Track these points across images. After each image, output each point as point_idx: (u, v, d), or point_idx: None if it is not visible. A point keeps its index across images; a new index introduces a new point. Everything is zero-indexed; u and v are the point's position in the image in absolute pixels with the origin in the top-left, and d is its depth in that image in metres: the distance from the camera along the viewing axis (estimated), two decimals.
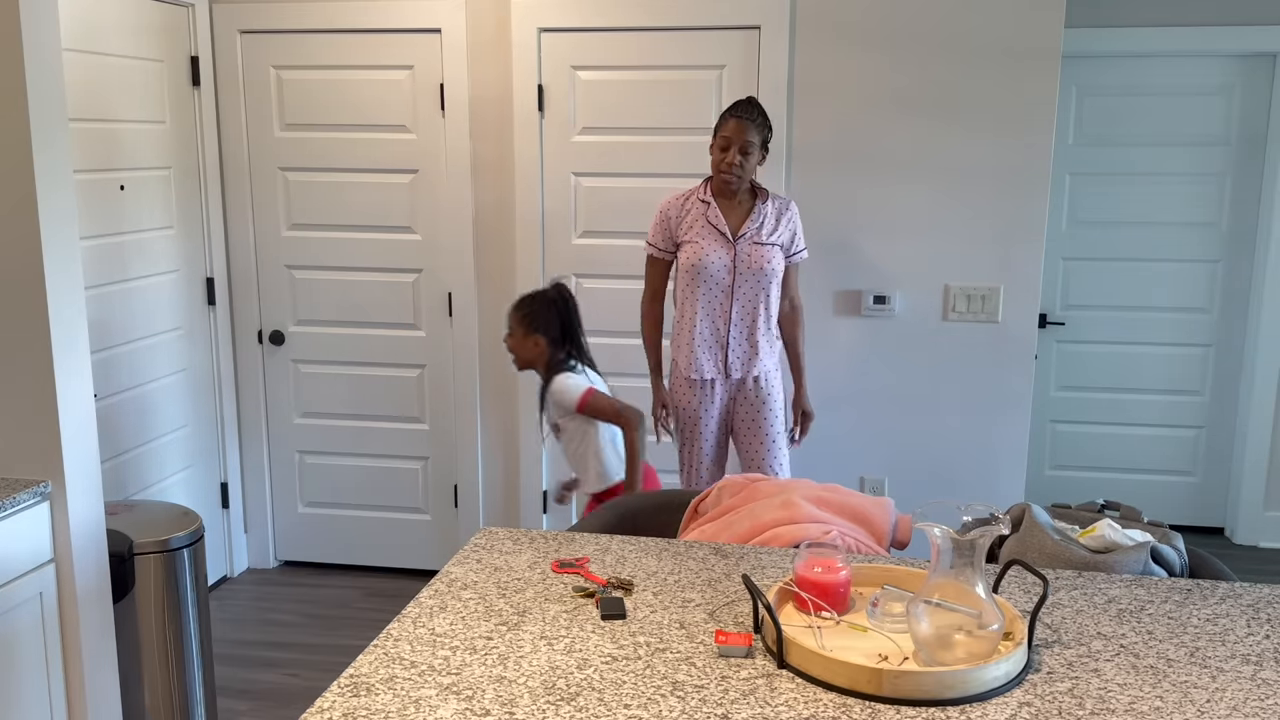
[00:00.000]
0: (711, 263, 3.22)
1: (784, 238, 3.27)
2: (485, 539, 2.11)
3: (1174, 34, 4.23)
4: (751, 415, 3.34)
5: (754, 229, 3.22)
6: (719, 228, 3.22)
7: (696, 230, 3.24)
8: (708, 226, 3.23)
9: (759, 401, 3.33)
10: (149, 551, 2.74)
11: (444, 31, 3.80)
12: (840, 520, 2.24)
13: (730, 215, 3.26)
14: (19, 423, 2.45)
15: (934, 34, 3.58)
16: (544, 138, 3.83)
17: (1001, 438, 3.79)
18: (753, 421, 3.35)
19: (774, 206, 3.27)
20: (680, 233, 3.27)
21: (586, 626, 1.72)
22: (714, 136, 3.18)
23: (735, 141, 3.13)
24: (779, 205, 3.28)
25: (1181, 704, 1.49)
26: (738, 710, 1.46)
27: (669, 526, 2.66)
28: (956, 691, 1.48)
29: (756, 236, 3.22)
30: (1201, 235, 4.47)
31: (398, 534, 4.22)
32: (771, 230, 3.24)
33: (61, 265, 2.43)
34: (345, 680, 1.54)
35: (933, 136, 3.64)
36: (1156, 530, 2.22)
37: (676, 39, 3.71)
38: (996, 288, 3.69)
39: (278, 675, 3.43)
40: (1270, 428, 4.47)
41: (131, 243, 3.58)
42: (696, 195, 3.27)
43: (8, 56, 2.30)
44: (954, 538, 1.54)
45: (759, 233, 3.23)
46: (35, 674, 2.44)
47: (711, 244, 3.22)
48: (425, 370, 4.08)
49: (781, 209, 3.28)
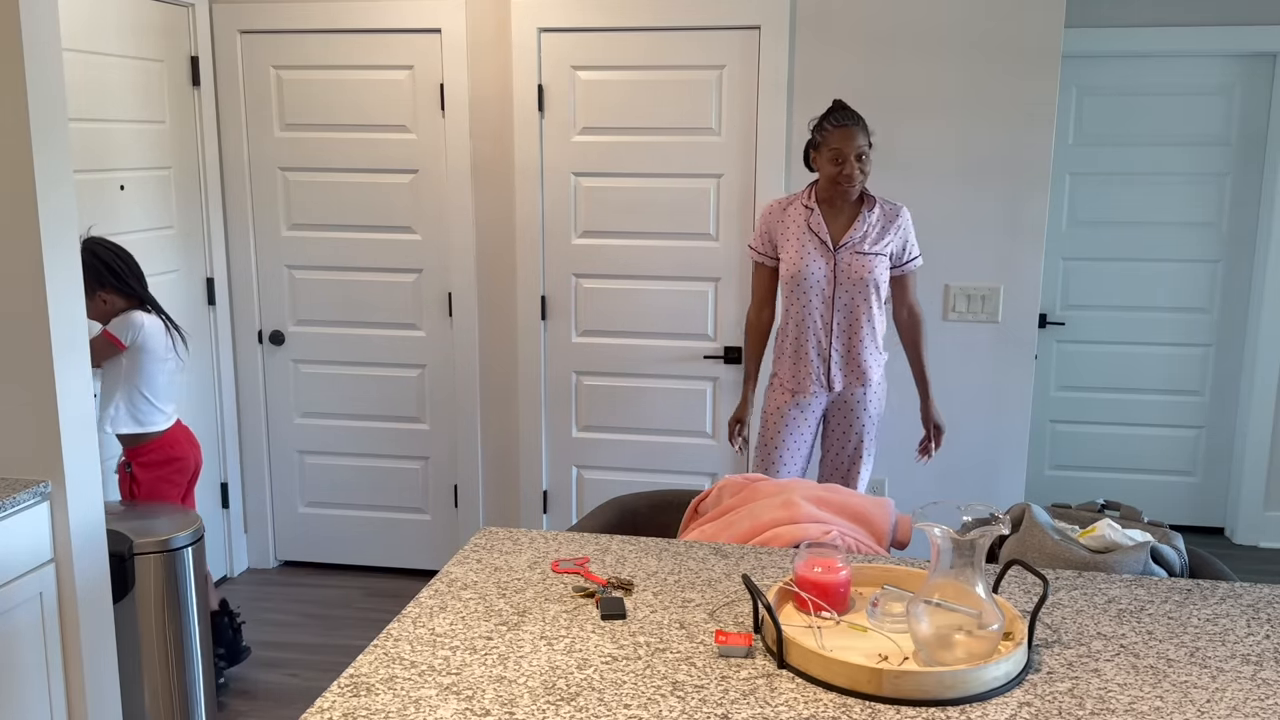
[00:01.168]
0: (811, 272, 3.12)
1: (894, 246, 3.15)
2: (485, 539, 2.11)
3: (1174, 34, 4.23)
4: (844, 426, 3.24)
5: (857, 238, 3.11)
6: (820, 235, 3.12)
7: (797, 237, 3.14)
8: (808, 233, 3.13)
9: (855, 413, 3.22)
10: (149, 551, 2.74)
11: (444, 31, 3.80)
12: (840, 520, 2.24)
13: (833, 222, 3.15)
14: (19, 423, 2.44)
15: (934, 34, 3.58)
16: (544, 138, 3.83)
17: (1001, 438, 3.79)
18: (843, 433, 3.24)
19: (881, 213, 3.15)
20: (780, 239, 3.18)
21: (586, 626, 1.72)
22: (817, 149, 3.10)
23: (848, 151, 3.04)
24: (887, 212, 3.15)
25: (1181, 704, 1.49)
26: (738, 710, 1.46)
27: (669, 526, 2.66)
28: (956, 691, 1.48)
29: (859, 246, 3.11)
30: (1201, 235, 4.47)
31: (398, 534, 4.22)
32: (876, 239, 3.12)
33: (61, 265, 2.43)
34: (345, 680, 1.54)
35: (933, 136, 3.64)
36: (1156, 530, 2.22)
37: (676, 39, 3.71)
38: (996, 288, 3.69)
39: (278, 675, 3.44)
40: (1270, 428, 4.47)
41: (131, 243, 3.58)
42: (800, 200, 3.17)
43: (8, 56, 2.30)
44: (954, 538, 1.54)
45: (862, 242, 3.11)
46: (35, 674, 2.44)
47: (811, 252, 3.12)
48: (425, 370, 4.08)
49: (890, 216, 3.15)
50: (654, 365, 3.92)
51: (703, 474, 3.98)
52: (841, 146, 3.04)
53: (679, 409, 3.93)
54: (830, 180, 3.09)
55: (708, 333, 3.87)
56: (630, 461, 4.01)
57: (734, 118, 3.72)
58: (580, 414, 4.01)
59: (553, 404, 4.01)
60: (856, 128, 3.05)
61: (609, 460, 4.03)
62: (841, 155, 3.05)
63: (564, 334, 3.95)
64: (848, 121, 3.05)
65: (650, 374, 3.93)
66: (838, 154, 3.05)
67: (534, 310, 3.93)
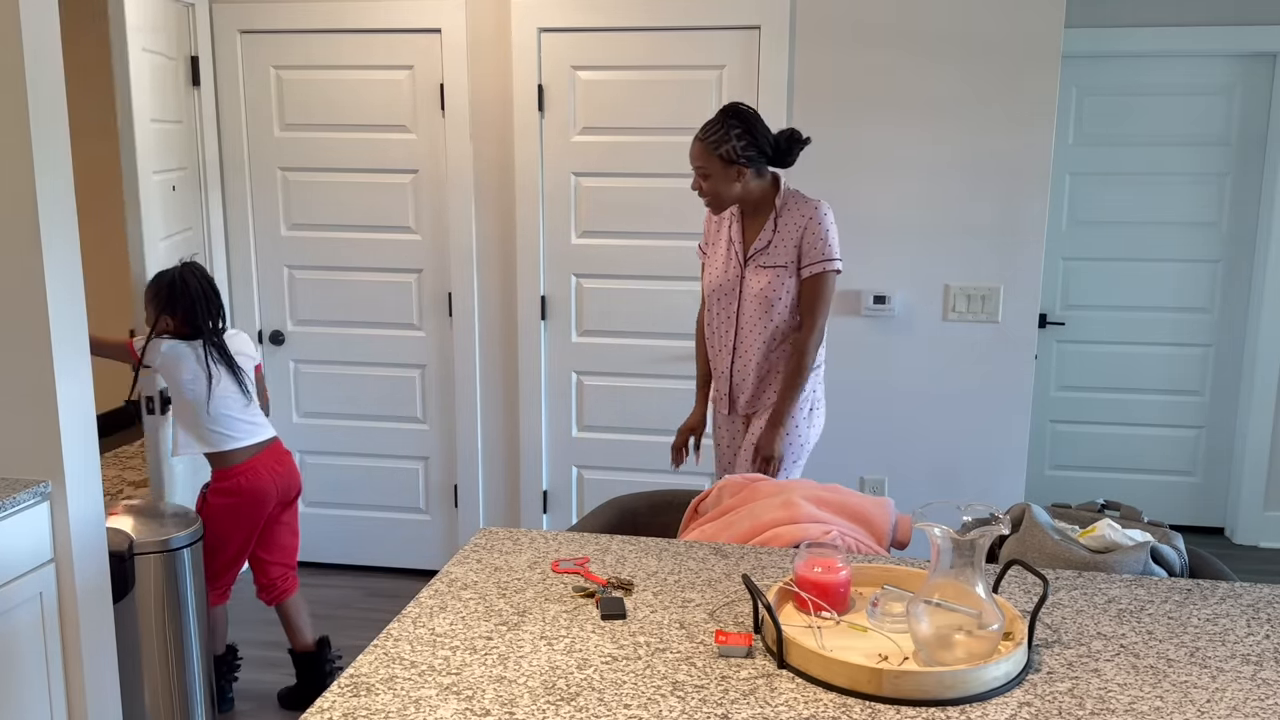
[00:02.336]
0: (719, 285, 2.93)
1: (794, 254, 2.85)
2: (485, 539, 2.11)
3: (1174, 34, 4.23)
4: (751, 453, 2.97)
5: (760, 248, 2.87)
6: (736, 244, 2.90)
7: (721, 245, 2.94)
8: (728, 242, 2.92)
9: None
10: (149, 551, 2.74)
11: (444, 31, 3.80)
12: (840, 520, 2.24)
13: (750, 231, 2.90)
14: (19, 423, 2.44)
15: (934, 34, 3.58)
16: (544, 138, 3.83)
17: (1001, 438, 3.79)
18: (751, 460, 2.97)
19: (790, 219, 2.85)
20: (710, 244, 3.00)
21: (586, 626, 1.72)
22: None
23: (693, 165, 2.83)
24: (798, 216, 2.85)
25: (1181, 704, 1.49)
26: (738, 710, 1.46)
27: (669, 526, 2.66)
28: (956, 691, 1.48)
29: (761, 260, 2.87)
30: (1201, 235, 4.47)
31: (398, 534, 4.22)
32: (783, 250, 2.85)
33: (61, 265, 2.43)
34: (345, 680, 1.54)
35: (933, 136, 3.64)
36: (1156, 530, 2.22)
37: (676, 39, 3.71)
38: (996, 288, 3.69)
39: (278, 675, 3.43)
40: (1270, 428, 4.47)
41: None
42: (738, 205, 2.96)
43: (8, 57, 2.30)
44: (954, 538, 1.54)
45: (765, 253, 2.86)
46: (35, 674, 2.44)
47: (722, 263, 2.93)
48: (425, 370, 4.08)
49: (799, 220, 2.84)
50: (654, 365, 3.92)
51: (703, 474, 3.98)
52: (690, 159, 2.84)
53: (679, 409, 3.93)
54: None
55: None
56: (630, 461, 4.01)
57: None
58: (580, 414, 4.01)
59: (553, 404, 4.01)
60: (701, 142, 2.79)
61: (609, 460, 4.03)
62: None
63: (564, 334, 3.96)
64: (699, 134, 2.82)
65: (650, 374, 3.93)
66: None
67: (534, 310, 3.93)
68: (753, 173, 2.82)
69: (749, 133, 2.79)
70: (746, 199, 2.88)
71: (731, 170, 2.80)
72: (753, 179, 2.84)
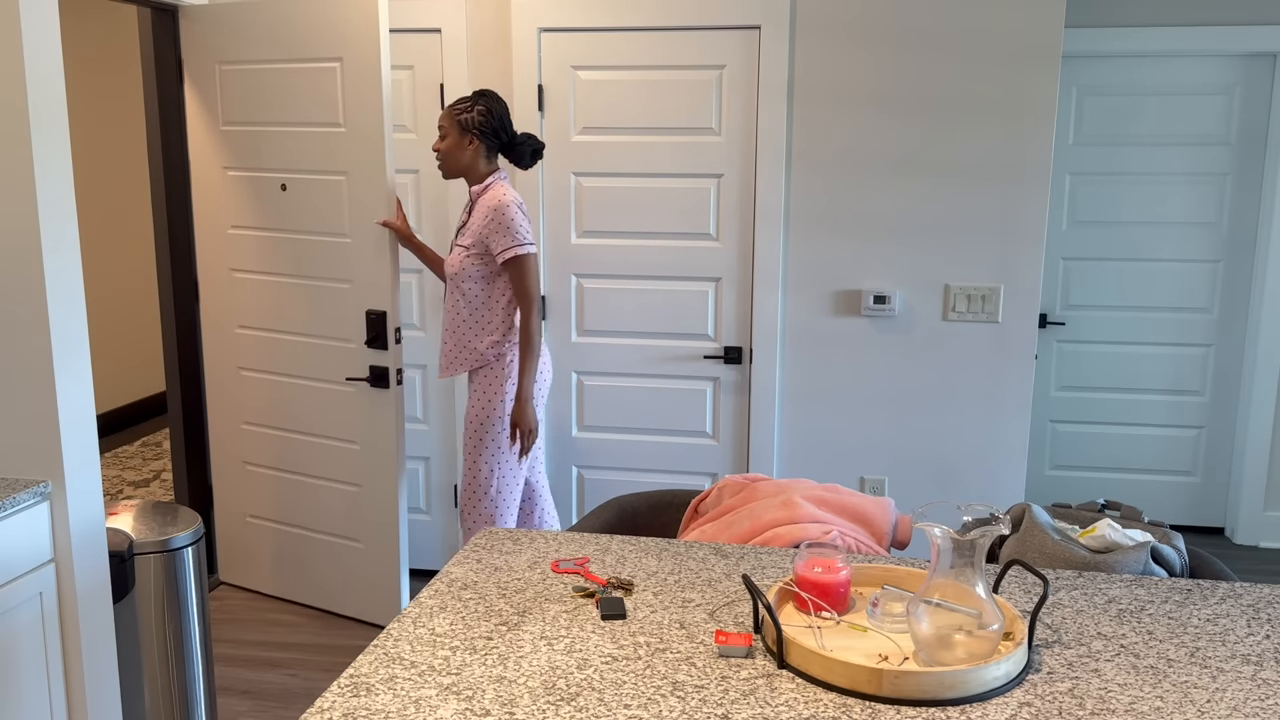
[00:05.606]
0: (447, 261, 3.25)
1: (478, 236, 3.12)
2: (485, 539, 2.11)
3: (1174, 34, 4.23)
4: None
5: (459, 227, 3.24)
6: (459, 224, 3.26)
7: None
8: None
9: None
10: (149, 551, 2.74)
11: (444, 31, 3.80)
12: (840, 520, 2.24)
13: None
14: (19, 423, 2.45)
15: (934, 34, 3.58)
16: (544, 137, 3.83)
17: (1001, 438, 3.79)
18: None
19: (482, 203, 3.15)
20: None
21: (586, 626, 1.72)
22: None
23: (438, 126, 3.19)
24: (486, 199, 3.14)
25: (1181, 704, 1.49)
26: (738, 710, 1.46)
27: (669, 526, 2.66)
28: (956, 691, 1.48)
29: (456, 239, 3.22)
30: (1202, 235, 4.47)
31: None
32: (471, 231, 3.14)
33: (61, 265, 2.43)
34: (345, 680, 1.54)
35: (933, 136, 3.64)
36: (1157, 530, 2.22)
37: (676, 39, 3.71)
38: (996, 288, 3.69)
39: (278, 675, 3.44)
40: (1270, 428, 4.47)
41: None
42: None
43: (8, 58, 2.30)
44: (954, 538, 1.54)
45: (460, 233, 3.21)
46: (35, 674, 2.44)
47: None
48: (425, 370, 4.08)
49: (486, 202, 3.13)
50: (654, 365, 3.92)
51: (703, 474, 3.98)
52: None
53: (679, 409, 3.93)
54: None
55: (708, 333, 3.87)
56: (630, 461, 4.01)
57: (734, 118, 3.72)
58: (580, 414, 4.01)
59: (553, 404, 4.01)
60: (447, 108, 3.16)
61: (609, 460, 4.03)
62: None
63: (564, 334, 3.95)
64: (450, 103, 3.19)
65: (650, 374, 3.93)
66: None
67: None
68: (483, 150, 3.16)
69: (490, 113, 3.15)
70: (472, 176, 3.19)
71: (465, 138, 3.14)
72: (481, 159, 3.18)
